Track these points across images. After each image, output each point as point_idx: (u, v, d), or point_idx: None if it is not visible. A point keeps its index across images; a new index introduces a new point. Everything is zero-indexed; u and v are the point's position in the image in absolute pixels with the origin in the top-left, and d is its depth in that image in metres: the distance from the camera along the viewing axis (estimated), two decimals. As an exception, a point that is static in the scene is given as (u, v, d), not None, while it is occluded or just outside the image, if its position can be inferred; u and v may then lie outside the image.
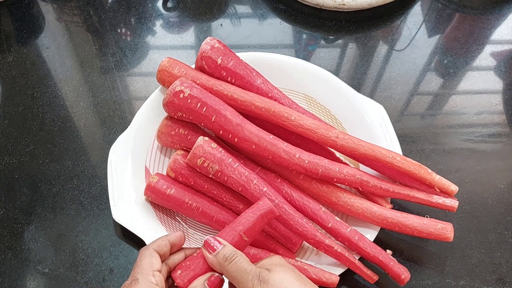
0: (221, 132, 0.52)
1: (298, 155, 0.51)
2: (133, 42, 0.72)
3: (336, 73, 0.68)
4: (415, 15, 0.75)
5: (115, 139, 0.56)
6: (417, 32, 0.73)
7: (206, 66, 0.56)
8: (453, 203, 0.51)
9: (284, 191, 0.52)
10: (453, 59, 0.71)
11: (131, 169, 0.54)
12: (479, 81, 0.69)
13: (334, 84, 0.60)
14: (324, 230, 0.51)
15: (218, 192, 0.52)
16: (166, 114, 0.56)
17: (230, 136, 0.52)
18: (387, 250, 0.50)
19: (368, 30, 0.73)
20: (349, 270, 0.50)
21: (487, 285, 0.53)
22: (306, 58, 0.70)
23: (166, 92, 0.53)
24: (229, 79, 0.56)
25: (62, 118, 0.64)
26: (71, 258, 0.54)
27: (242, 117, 0.53)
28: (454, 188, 0.51)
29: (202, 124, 0.53)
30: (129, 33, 0.73)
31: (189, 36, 0.73)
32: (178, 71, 0.56)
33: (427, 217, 0.51)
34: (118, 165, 0.54)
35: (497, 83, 0.69)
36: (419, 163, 0.51)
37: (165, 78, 0.57)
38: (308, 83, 0.61)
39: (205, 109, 0.52)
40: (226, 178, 0.50)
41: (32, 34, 0.72)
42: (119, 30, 0.73)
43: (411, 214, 0.51)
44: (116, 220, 0.51)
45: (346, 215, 0.54)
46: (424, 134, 0.64)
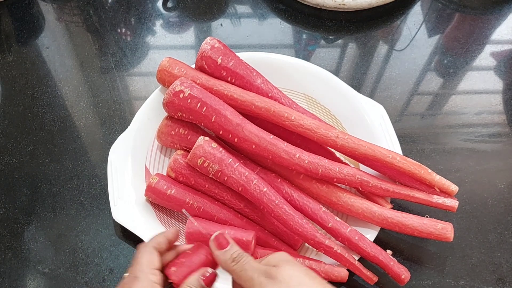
0: (221, 132, 0.52)
1: (298, 155, 0.51)
2: (133, 42, 0.72)
3: (336, 73, 0.68)
4: (415, 15, 0.75)
5: (115, 139, 0.56)
6: (417, 32, 0.73)
7: (206, 66, 0.56)
8: (453, 203, 0.51)
9: (284, 191, 0.52)
10: (453, 59, 0.71)
11: (131, 169, 0.54)
12: (479, 81, 0.69)
13: (334, 84, 0.60)
14: (324, 230, 0.51)
15: (219, 191, 0.52)
16: (166, 114, 0.56)
17: (230, 136, 0.52)
18: (387, 250, 0.50)
19: (368, 30, 0.73)
20: (349, 271, 0.50)
21: (487, 285, 0.53)
22: (306, 58, 0.70)
23: (166, 92, 0.53)
24: (229, 79, 0.56)
25: (62, 118, 0.64)
26: (71, 258, 0.54)
27: (242, 117, 0.53)
28: (454, 188, 0.51)
29: (202, 124, 0.53)
30: (129, 33, 0.73)
31: (189, 36, 0.73)
32: (178, 71, 0.56)
33: (427, 217, 0.51)
34: (118, 165, 0.54)
35: (497, 83, 0.69)
36: (419, 163, 0.51)
37: (165, 78, 0.57)
38: (308, 83, 0.61)
39: (205, 109, 0.52)
40: (226, 178, 0.50)
41: (32, 34, 0.72)
42: (119, 30, 0.73)
43: (411, 214, 0.51)
44: (116, 220, 0.51)
45: (346, 215, 0.54)
46: (424, 134, 0.64)
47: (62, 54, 0.70)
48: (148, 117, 0.57)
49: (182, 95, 0.52)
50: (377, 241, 0.51)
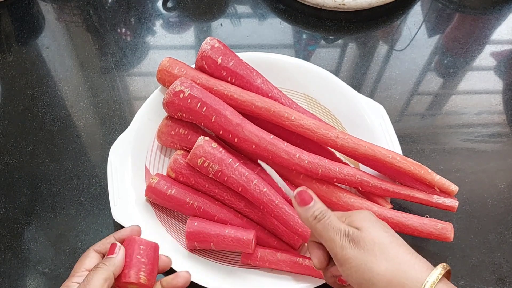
0: (221, 132, 0.52)
1: (298, 155, 0.51)
2: (133, 42, 0.72)
3: (336, 73, 0.68)
4: (415, 15, 0.75)
5: (115, 139, 0.56)
6: (417, 32, 0.73)
7: (206, 66, 0.56)
8: (453, 203, 0.51)
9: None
10: (453, 59, 0.71)
11: (131, 169, 0.54)
12: (479, 81, 0.69)
13: (334, 84, 0.60)
14: (324, 230, 0.51)
15: (219, 191, 0.52)
16: (166, 114, 0.56)
17: (230, 136, 0.52)
18: (387, 250, 0.50)
19: (368, 30, 0.73)
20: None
21: (487, 285, 0.53)
22: (306, 58, 0.70)
23: (166, 92, 0.53)
24: (229, 79, 0.56)
25: (62, 118, 0.64)
26: (71, 258, 0.54)
27: (242, 117, 0.53)
28: (454, 188, 0.51)
29: (202, 124, 0.53)
30: (129, 33, 0.73)
31: (189, 36, 0.73)
32: (178, 71, 0.56)
33: (427, 217, 0.51)
34: (118, 165, 0.54)
35: (497, 83, 0.69)
36: (419, 163, 0.51)
37: (165, 78, 0.57)
38: (308, 83, 0.61)
39: (205, 109, 0.52)
40: (226, 178, 0.50)
41: (32, 34, 0.72)
42: (119, 30, 0.73)
43: (411, 214, 0.51)
44: (116, 220, 0.51)
45: (346, 215, 0.54)
46: (424, 134, 0.64)
47: (62, 54, 0.70)
48: (148, 117, 0.57)
49: (182, 95, 0.52)
50: (377, 241, 0.51)
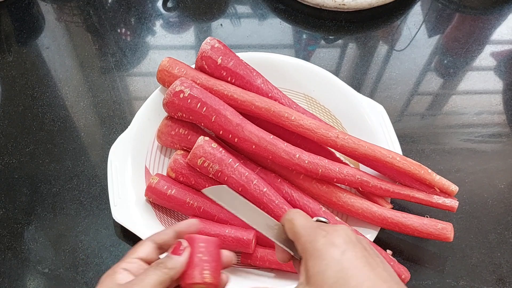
0: (221, 132, 0.52)
1: (298, 155, 0.51)
2: (133, 42, 0.72)
3: (336, 73, 0.68)
4: (415, 15, 0.75)
5: (115, 139, 0.56)
6: (417, 32, 0.73)
7: (206, 66, 0.56)
8: (453, 203, 0.51)
9: (284, 191, 0.52)
10: (453, 59, 0.71)
11: (131, 169, 0.54)
12: (479, 81, 0.69)
13: (334, 84, 0.60)
14: (324, 230, 0.51)
15: (218, 192, 0.52)
16: (166, 114, 0.56)
17: (230, 136, 0.52)
18: (387, 250, 0.50)
19: (368, 30, 0.73)
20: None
21: (487, 285, 0.53)
22: (306, 58, 0.70)
23: (166, 92, 0.53)
24: (229, 79, 0.56)
25: (62, 118, 0.64)
26: (71, 258, 0.54)
27: (242, 117, 0.53)
28: (454, 188, 0.51)
29: (202, 124, 0.53)
30: (129, 33, 0.73)
31: (189, 36, 0.73)
32: (178, 71, 0.56)
33: (427, 217, 0.51)
34: (118, 165, 0.54)
35: (497, 83, 0.69)
36: (419, 163, 0.51)
37: (165, 78, 0.57)
38: (308, 83, 0.61)
39: (205, 109, 0.52)
40: (226, 178, 0.50)
41: (32, 34, 0.72)
42: (119, 30, 0.73)
43: (411, 214, 0.51)
44: (116, 220, 0.51)
45: (346, 215, 0.54)
46: (424, 134, 0.64)
47: (62, 54, 0.70)
48: (148, 117, 0.57)
49: (182, 95, 0.52)
50: (377, 241, 0.51)
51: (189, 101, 0.52)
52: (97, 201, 0.58)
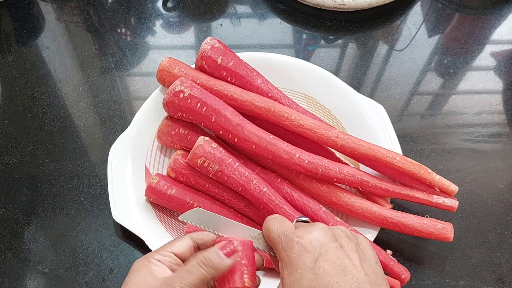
0: (221, 132, 0.52)
1: (298, 155, 0.51)
2: (133, 42, 0.72)
3: (336, 73, 0.68)
4: (415, 15, 0.75)
5: (115, 139, 0.56)
6: (417, 32, 0.73)
7: (206, 66, 0.56)
8: (453, 203, 0.51)
9: (284, 191, 0.52)
10: (453, 59, 0.71)
11: (131, 169, 0.54)
12: (479, 81, 0.69)
13: (334, 84, 0.60)
14: (324, 230, 0.51)
15: (219, 191, 0.52)
16: (166, 114, 0.56)
17: (230, 136, 0.52)
18: (387, 250, 0.50)
19: (368, 30, 0.73)
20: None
21: (487, 285, 0.53)
22: (306, 58, 0.70)
23: (166, 92, 0.53)
24: (229, 79, 0.56)
25: (62, 118, 0.64)
26: (71, 258, 0.54)
27: (242, 117, 0.53)
28: (454, 188, 0.51)
29: (202, 124, 0.53)
30: (129, 33, 0.73)
31: (189, 36, 0.73)
32: (178, 71, 0.56)
33: (427, 217, 0.51)
34: (118, 165, 0.54)
35: (497, 83, 0.69)
36: (419, 163, 0.51)
37: (165, 78, 0.57)
38: (308, 83, 0.61)
39: (205, 109, 0.52)
40: (226, 178, 0.50)
41: (32, 34, 0.72)
42: (119, 30, 0.73)
43: (411, 214, 0.51)
44: (116, 220, 0.51)
45: (346, 215, 0.54)
46: (424, 134, 0.64)
47: (62, 54, 0.70)
48: (148, 117, 0.57)
49: (182, 95, 0.52)
50: (377, 241, 0.51)
51: (189, 101, 0.52)
52: (97, 201, 0.58)
